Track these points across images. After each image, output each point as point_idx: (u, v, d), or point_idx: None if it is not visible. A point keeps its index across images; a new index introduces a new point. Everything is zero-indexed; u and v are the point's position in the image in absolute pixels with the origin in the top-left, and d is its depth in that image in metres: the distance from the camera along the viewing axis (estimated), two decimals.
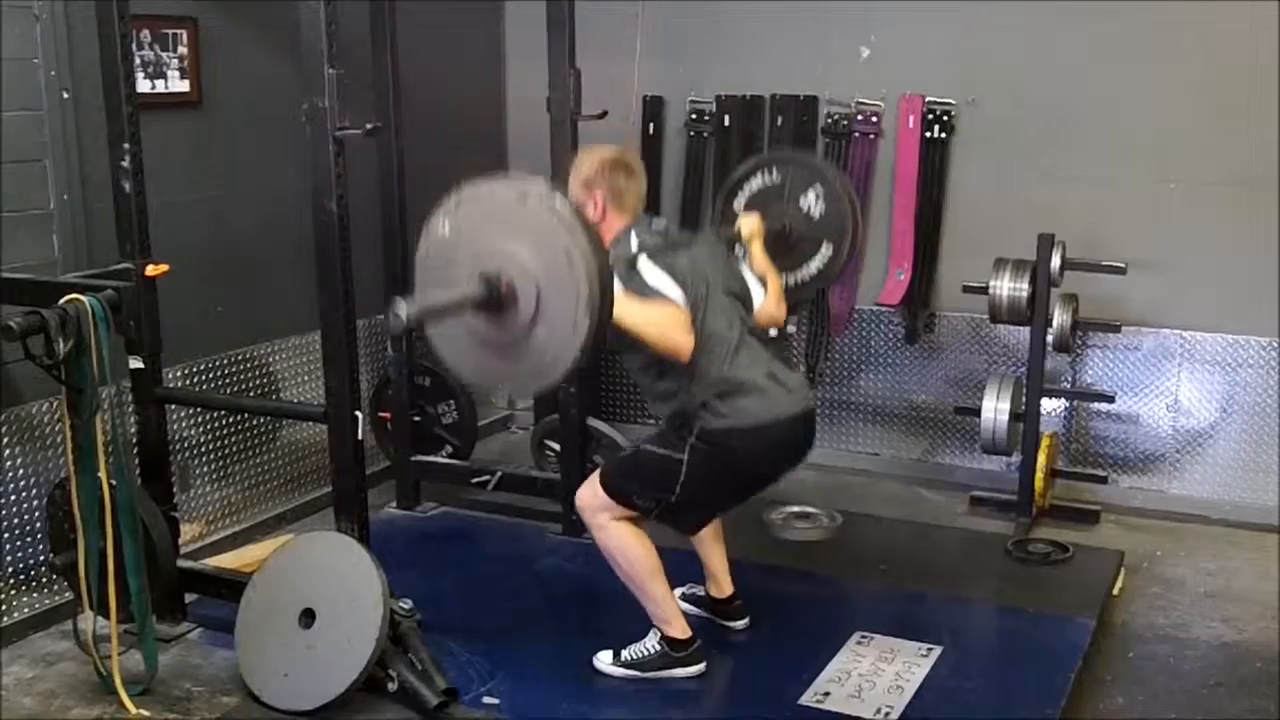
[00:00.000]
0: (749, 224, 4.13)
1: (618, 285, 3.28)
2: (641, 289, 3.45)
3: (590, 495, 3.72)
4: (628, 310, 3.32)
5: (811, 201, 4.37)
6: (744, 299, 3.81)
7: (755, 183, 4.45)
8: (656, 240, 3.64)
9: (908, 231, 5.52)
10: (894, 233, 5.56)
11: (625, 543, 3.67)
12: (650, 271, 3.50)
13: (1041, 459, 5.01)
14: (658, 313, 3.43)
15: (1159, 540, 5.02)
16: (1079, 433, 5.46)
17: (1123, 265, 4.93)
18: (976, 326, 5.48)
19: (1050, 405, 5.30)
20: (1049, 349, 5.01)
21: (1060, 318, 4.96)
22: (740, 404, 3.54)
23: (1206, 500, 5.24)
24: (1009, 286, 4.93)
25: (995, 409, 4.99)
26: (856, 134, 5.56)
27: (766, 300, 3.91)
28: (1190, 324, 5.19)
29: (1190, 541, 5.02)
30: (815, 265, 4.41)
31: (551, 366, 2.99)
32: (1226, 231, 5.05)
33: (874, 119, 5.52)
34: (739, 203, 4.44)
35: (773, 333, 3.96)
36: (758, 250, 4.07)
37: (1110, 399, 5.17)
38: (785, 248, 4.30)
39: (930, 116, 5.42)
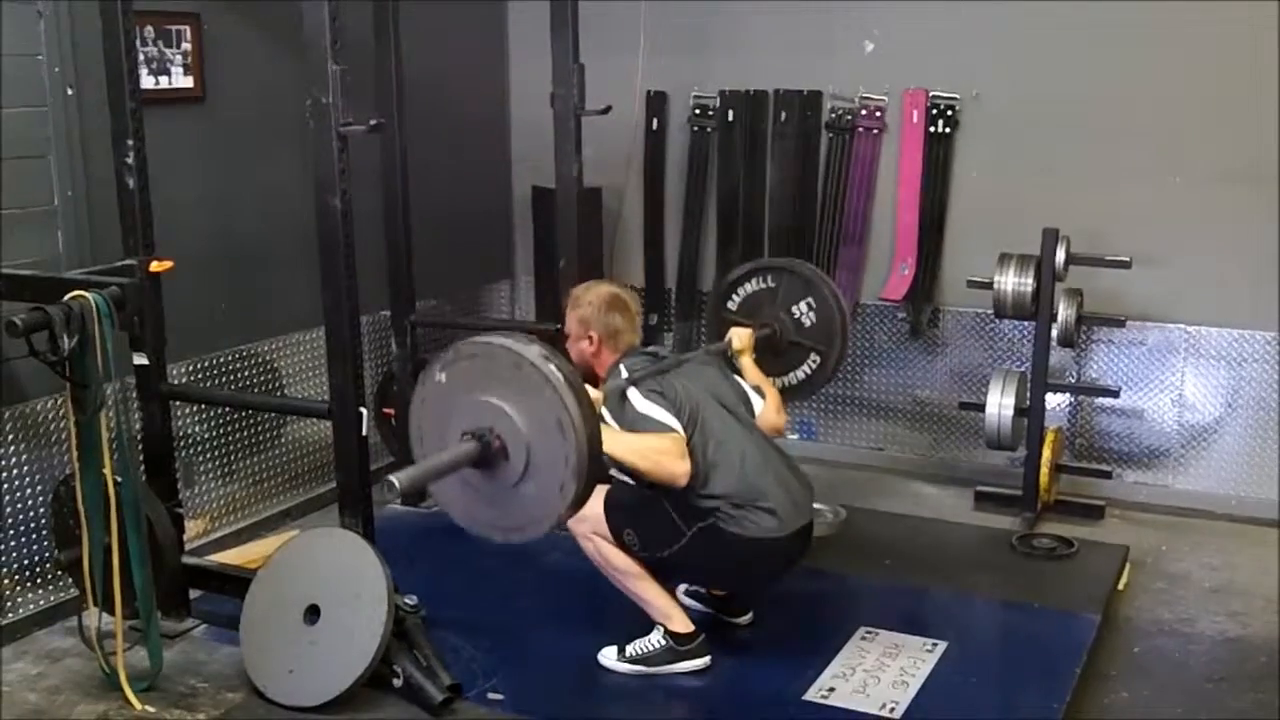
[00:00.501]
0: (740, 337, 4.21)
1: (609, 418, 3.44)
2: (633, 420, 3.53)
3: (582, 510, 3.72)
4: (620, 444, 3.40)
5: (803, 310, 4.47)
6: (745, 404, 3.90)
7: (749, 287, 4.56)
8: (647, 363, 3.72)
9: (912, 226, 5.52)
10: (898, 228, 5.56)
11: (608, 554, 3.73)
12: (640, 401, 3.57)
13: (1046, 454, 5.00)
14: (649, 443, 3.50)
15: (1164, 535, 5.02)
16: (1083, 428, 5.45)
17: (1127, 260, 4.92)
18: (981, 321, 5.48)
19: (1055, 400, 5.30)
20: (1053, 344, 5.01)
21: (1065, 312, 4.95)
22: (756, 517, 3.59)
23: (1211, 495, 5.23)
24: (1013, 281, 4.92)
25: (1000, 404, 4.99)
26: (860, 129, 5.56)
27: (766, 409, 3.98)
28: (1195, 319, 5.18)
29: (1195, 536, 5.01)
30: (802, 373, 4.52)
31: (538, 521, 3.06)
32: (1231, 226, 5.04)
33: (878, 114, 5.52)
34: (733, 304, 4.56)
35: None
36: (749, 364, 4.16)
37: (1115, 394, 5.16)
38: (774, 353, 4.40)
39: (934, 111, 5.42)
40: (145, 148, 3.92)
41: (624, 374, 3.66)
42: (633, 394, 3.59)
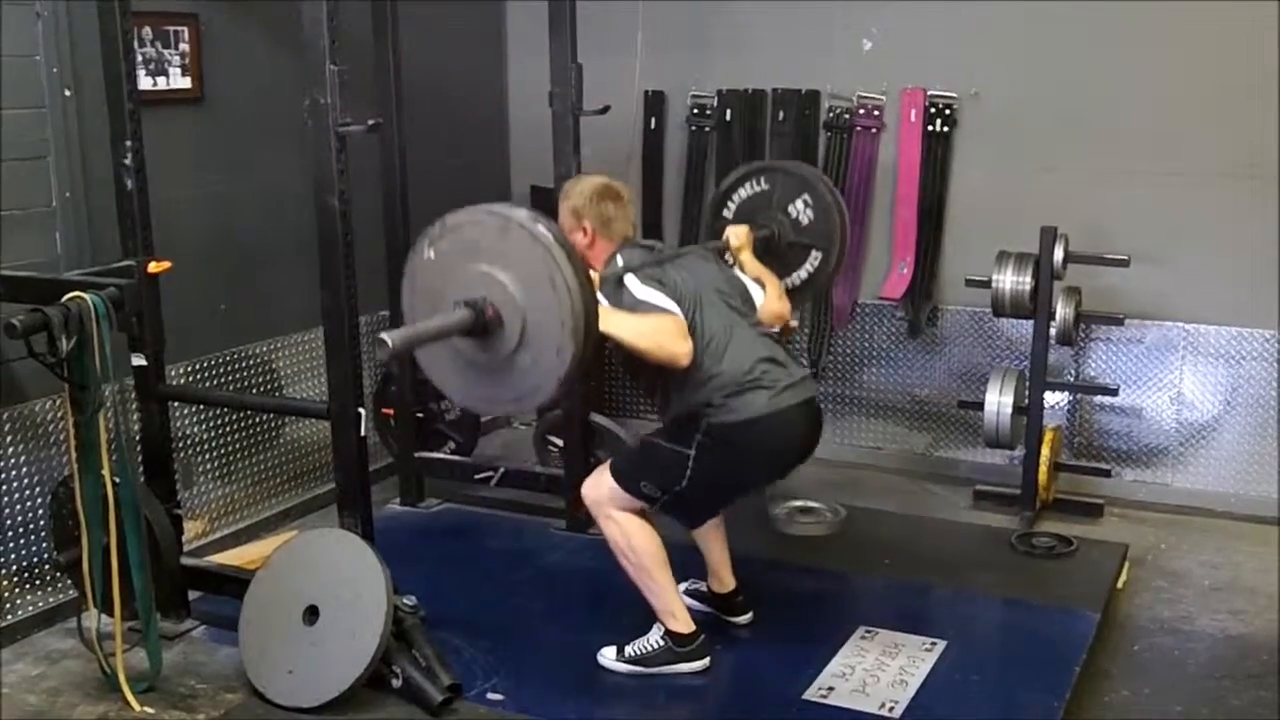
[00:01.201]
0: (737, 234, 4.16)
1: (605, 302, 3.36)
2: (631, 305, 3.50)
3: (596, 487, 3.73)
4: (619, 324, 3.36)
5: (800, 209, 4.40)
6: (744, 296, 3.84)
7: (744, 192, 4.49)
8: (644, 256, 3.68)
9: (910, 225, 5.51)
10: (896, 226, 5.56)
11: (631, 533, 3.68)
12: (638, 287, 3.54)
13: (1045, 452, 5.00)
14: (650, 323, 3.46)
15: (1163, 533, 5.02)
16: (1082, 426, 5.45)
17: (1125, 258, 4.92)
18: (979, 320, 5.47)
19: (1053, 399, 5.30)
20: (1052, 342, 5.01)
21: (1063, 311, 4.95)
22: (745, 399, 3.54)
23: (1210, 493, 5.23)
24: (1012, 280, 4.92)
25: (998, 402, 4.99)
26: (858, 128, 5.56)
27: (768, 298, 3.93)
28: (1193, 316, 5.18)
29: (1194, 534, 5.01)
30: (804, 272, 4.45)
31: (536, 390, 3.03)
32: (1230, 224, 5.04)
33: (876, 113, 5.51)
34: (729, 211, 4.48)
35: (776, 329, 3.96)
36: (748, 258, 4.11)
37: (1113, 392, 5.16)
38: (774, 255, 4.33)
39: (932, 110, 5.41)
40: (143, 148, 3.92)
41: (620, 262, 3.61)
42: (630, 280, 3.55)
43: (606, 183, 3.82)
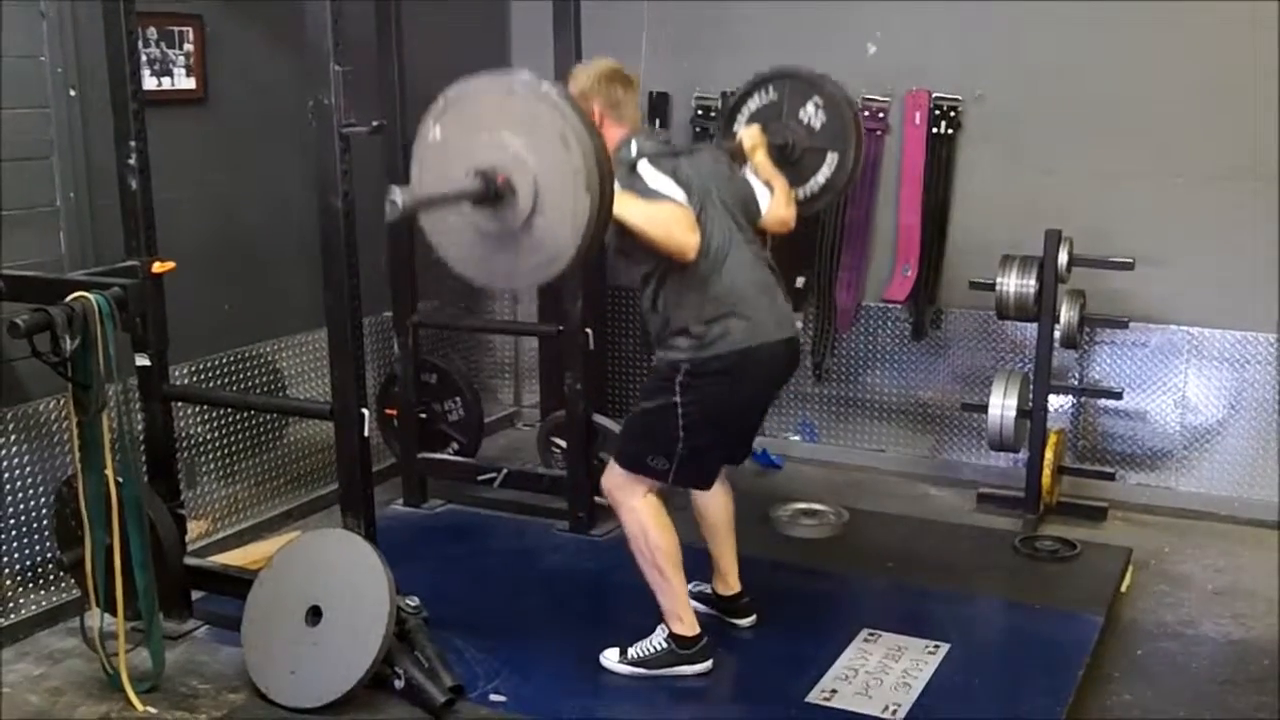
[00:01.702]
0: (750, 135, 4.10)
1: (618, 187, 3.23)
2: (644, 191, 3.45)
3: (611, 476, 3.74)
4: (630, 208, 3.31)
5: (811, 113, 4.32)
6: (748, 205, 3.81)
7: (753, 103, 4.41)
8: (658, 146, 3.65)
9: (914, 227, 5.51)
10: (900, 229, 5.55)
11: (650, 528, 3.67)
12: (652, 175, 3.50)
13: (1049, 455, 5.00)
14: (662, 210, 3.42)
15: (1166, 537, 5.01)
16: (1086, 429, 5.44)
17: (1130, 261, 4.92)
18: (983, 323, 5.47)
19: (1057, 402, 5.29)
20: (1056, 345, 5.00)
21: (1067, 314, 4.95)
22: (725, 325, 3.53)
23: (1214, 497, 5.23)
24: (1016, 282, 4.92)
25: (1002, 405, 4.98)
26: (865, 134, 5.54)
27: (775, 203, 3.91)
28: (1198, 320, 5.18)
29: (1198, 538, 5.01)
30: (822, 176, 4.34)
31: (555, 257, 2.95)
32: (1234, 227, 5.03)
33: (880, 115, 5.50)
34: (739, 124, 4.39)
35: (799, 282, 3.90)
36: (761, 158, 4.05)
37: (1118, 395, 5.16)
38: (789, 161, 4.25)
39: (937, 112, 5.41)
40: (148, 148, 3.91)
41: (634, 148, 3.58)
42: (643, 166, 3.51)
43: (615, 66, 3.77)
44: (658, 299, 3.60)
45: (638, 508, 3.68)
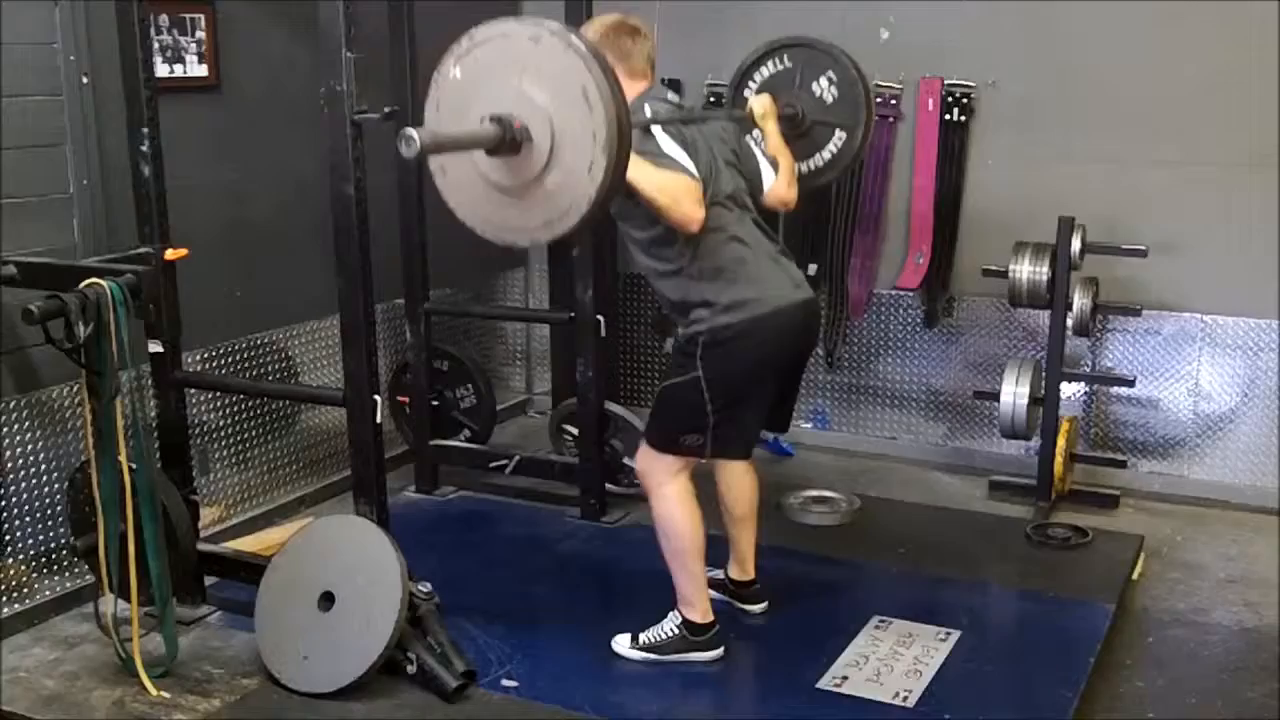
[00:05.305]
0: (761, 104, 4.06)
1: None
2: (656, 156, 3.43)
3: (645, 458, 3.74)
4: (642, 173, 3.29)
5: (824, 87, 4.28)
6: (753, 180, 3.81)
7: (765, 70, 4.37)
8: (671, 110, 3.64)
9: (927, 215, 5.50)
10: (913, 216, 5.54)
11: (679, 516, 3.67)
12: (666, 141, 3.48)
13: (1061, 443, 4.99)
14: (672, 180, 3.41)
15: (1179, 525, 5.00)
16: (1099, 417, 5.43)
17: (1143, 248, 4.90)
18: (996, 310, 5.46)
19: (1070, 389, 5.28)
20: (1069, 333, 4.99)
21: (1080, 301, 4.94)
22: (739, 292, 3.53)
23: (1227, 485, 5.22)
24: (1029, 270, 4.91)
25: (1015, 393, 4.98)
26: (875, 117, 5.52)
27: (777, 182, 3.90)
28: (1211, 308, 5.16)
29: (1210, 526, 5.00)
30: (829, 151, 4.32)
31: (566, 214, 2.90)
32: (1249, 214, 5.01)
33: (893, 101, 5.49)
34: (750, 91, 4.36)
35: (811, 270, 3.88)
36: (771, 129, 4.01)
37: (1130, 383, 5.15)
38: (798, 133, 4.22)
39: (950, 99, 5.39)
40: (160, 136, 3.91)
41: (648, 111, 3.56)
42: (658, 132, 3.49)
43: (622, 17, 3.74)
44: (662, 256, 3.59)
45: (669, 494, 3.68)
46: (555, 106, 2.80)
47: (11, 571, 4.03)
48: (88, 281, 3.55)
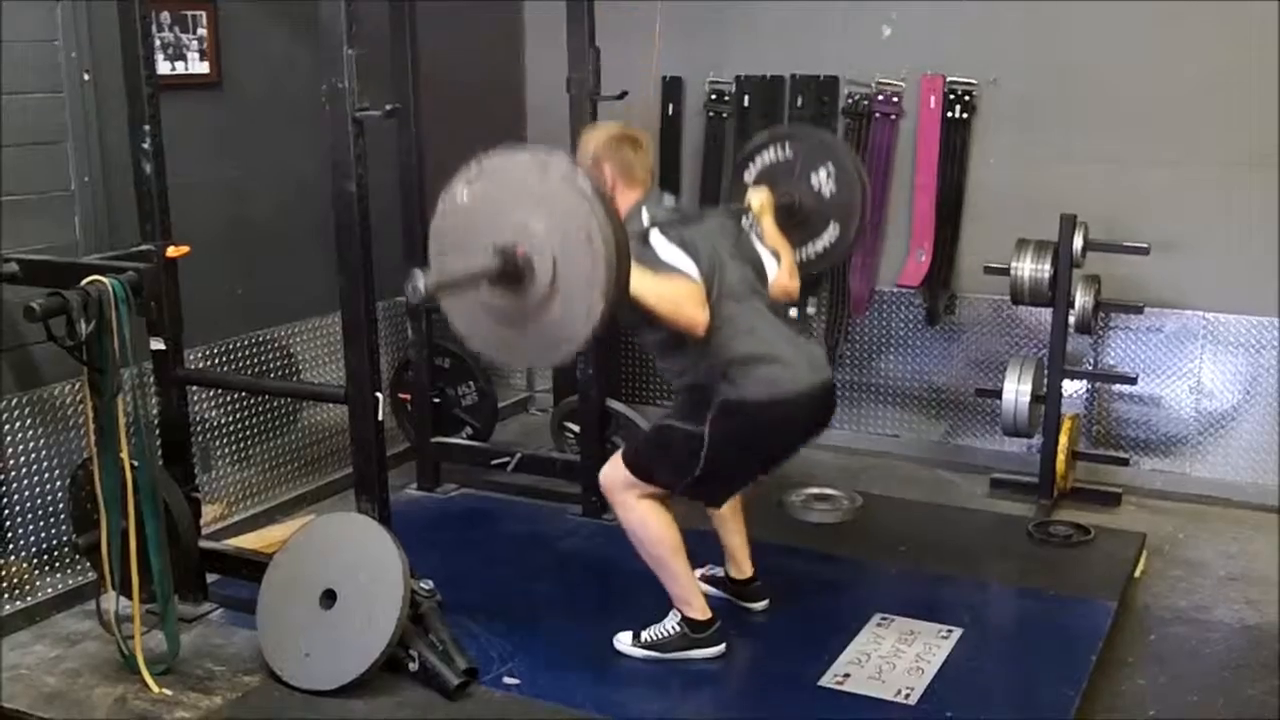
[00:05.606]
0: (759, 198, 4.09)
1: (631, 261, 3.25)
2: (655, 263, 3.45)
3: (613, 474, 3.72)
4: (642, 284, 3.31)
5: (823, 179, 4.32)
6: (758, 271, 3.81)
7: (768, 156, 4.40)
8: (668, 215, 3.65)
9: (928, 212, 5.50)
10: (915, 214, 5.54)
11: (647, 520, 3.67)
12: (663, 246, 3.50)
13: (1063, 441, 4.99)
14: (671, 287, 3.43)
15: (1181, 523, 5.00)
16: (1101, 415, 5.43)
17: (1145, 246, 4.90)
18: (998, 308, 5.46)
19: (1072, 387, 5.28)
20: (1071, 330, 4.99)
21: (1082, 299, 4.94)
22: (761, 373, 3.53)
23: (1229, 483, 5.21)
24: (1031, 268, 4.91)
25: (1016, 391, 4.98)
26: (877, 114, 5.54)
27: (780, 273, 3.91)
28: (1213, 305, 5.16)
29: (1212, 524, 5.00)
30: (822, 244, 4.35)
31: (562, 343, 2.99)
32: (1250, 212, 5.01)
33: (895, 99, 5.49)
34: (750, 175, 4.39)
35: (793, 313, 3.94)
36: (769, 224, 4.05)
37: (1132, 381, 5.15)
38: (793, 223, 4.24)
39: (951, 96, 5.39)
40: (162, 133, 3.91)
41: (645, 218, 3.59)
42: (656, 238, 3.52)
43: (624, 129, 3.79)
44: (676, 359, 3.62)
45: (632, 504, 3.69)
46: (559, 243, 2.88)
47: (13, 569, 4.03)
48: (89, 279, 3.55)
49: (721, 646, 3.78)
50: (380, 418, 3.81)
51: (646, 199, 3.69)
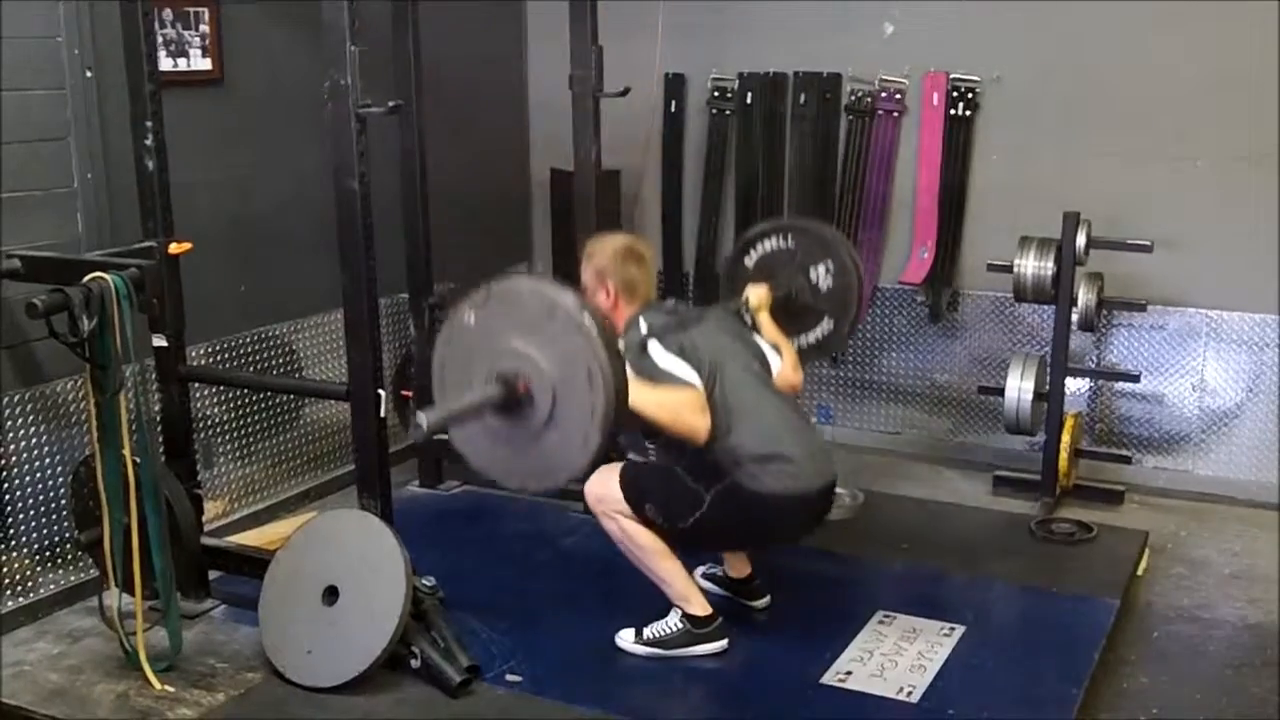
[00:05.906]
0: (757, 295, 4.17)
1: (629, 370, 3.31)
2: (653, 373, 3.51)
3: (601, 490, 3.71)
4: (640, 396, 3.35)
5: (820, 274, 4.37)
6: (761, 362, 3.87)
7: (767, 245, 4.45)
8: (666, 320, 3.70)
9: (931, 210, 5.49)
10: (917, 211, 5.54)
11: (627, 528, 3.70)
12: (661, 355, 3.55)
13: (1065, 439, 4.98)
14: (670, 396, 3.48)
15: (1183, 521, 5.00)
16: (1103, 412, 5.43)
17: (1148, 243, 4.89)
18: (1000, 305, 5.45)
19: (1074, 385, 5.28)
20: (1073, 328, 4.99)
21: (1085, 296, 4.93)
22: (775, 469, 3.57)
23: (1231, 481, 5.21)
24: (1033, 265, 4.90)
25: (1019, 388, 4.98)
26: (880, 111, 5.53)
27: (783, 367, 3.95)
28: (1216, 303, 5.15)
29: (1215, 522, 4.99)
30: (814, 336, 4.42)
31: (558, 471, 3.07)
32: (1254, 210, 5.00)
33: (898, 96, 5.49)
34: (750, 260, 4.45)
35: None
36: (766, 320, 4.13)
37: (1135, 378, 5.14)
38: (788, 314, 4.31)
39: (954, 94, 5.39)
40: (164, 130, 3.92)
41: (643, 327, 3.63)
42: (653, 347, 3.57)
43: (630, 244, 3.86)
44: (683, 460, 3.63)
45: (615, 515, 3.70)
46: (559, 378, 2.95)
47: (15, 565, 4.03)
48: (91, 275, 3.54)
49: (724, 642, 3.78)
50: (382, 414, 3.81)
51: (645, 308, 3.75)
